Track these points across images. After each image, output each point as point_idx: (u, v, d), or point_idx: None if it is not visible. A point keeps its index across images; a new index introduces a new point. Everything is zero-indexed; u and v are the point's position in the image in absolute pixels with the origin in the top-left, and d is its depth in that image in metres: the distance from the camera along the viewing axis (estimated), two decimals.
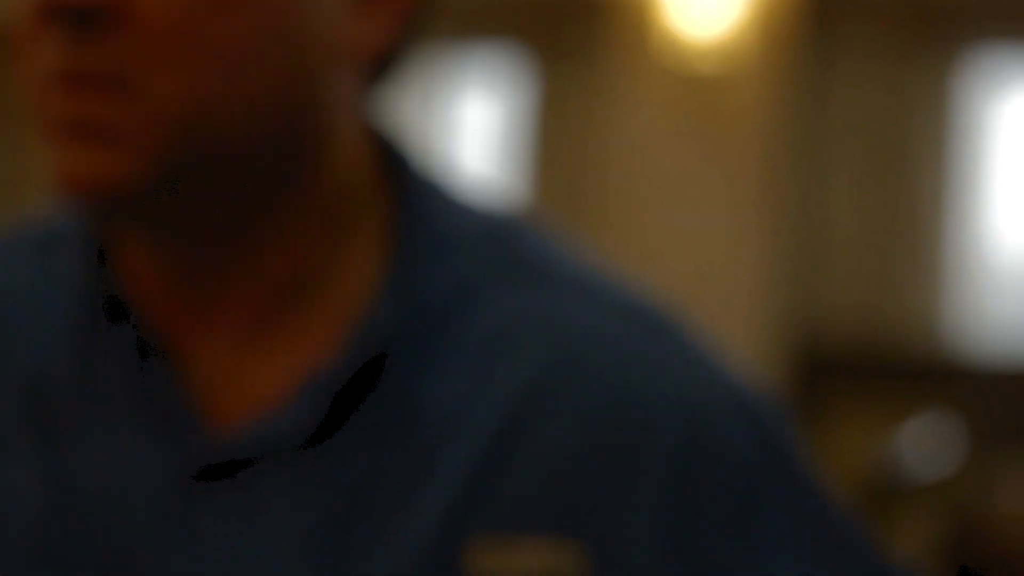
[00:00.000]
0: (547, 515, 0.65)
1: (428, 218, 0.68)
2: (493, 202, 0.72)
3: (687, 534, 0.65)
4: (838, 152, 5.03)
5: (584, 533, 0.65)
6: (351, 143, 0.66)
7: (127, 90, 0.61)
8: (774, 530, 0.66)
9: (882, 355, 4.82)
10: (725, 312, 4.89)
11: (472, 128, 5.75)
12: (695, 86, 4.56)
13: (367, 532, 0.64)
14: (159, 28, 0.60)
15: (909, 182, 5.12)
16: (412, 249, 0.67)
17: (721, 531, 0.65)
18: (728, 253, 4.87)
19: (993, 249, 5.20)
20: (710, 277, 4.86)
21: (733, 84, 4.55)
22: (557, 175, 5.42)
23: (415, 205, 0.68)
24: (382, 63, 0.67)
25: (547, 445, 0.65)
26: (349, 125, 0.66)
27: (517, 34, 5.46)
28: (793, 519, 0.67)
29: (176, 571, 0.64)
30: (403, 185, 0.68)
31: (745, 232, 4.81)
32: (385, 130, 0.69)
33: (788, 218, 4.80)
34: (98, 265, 0.67)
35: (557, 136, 5.38)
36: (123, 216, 0.64)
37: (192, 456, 0.65)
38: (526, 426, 0.65)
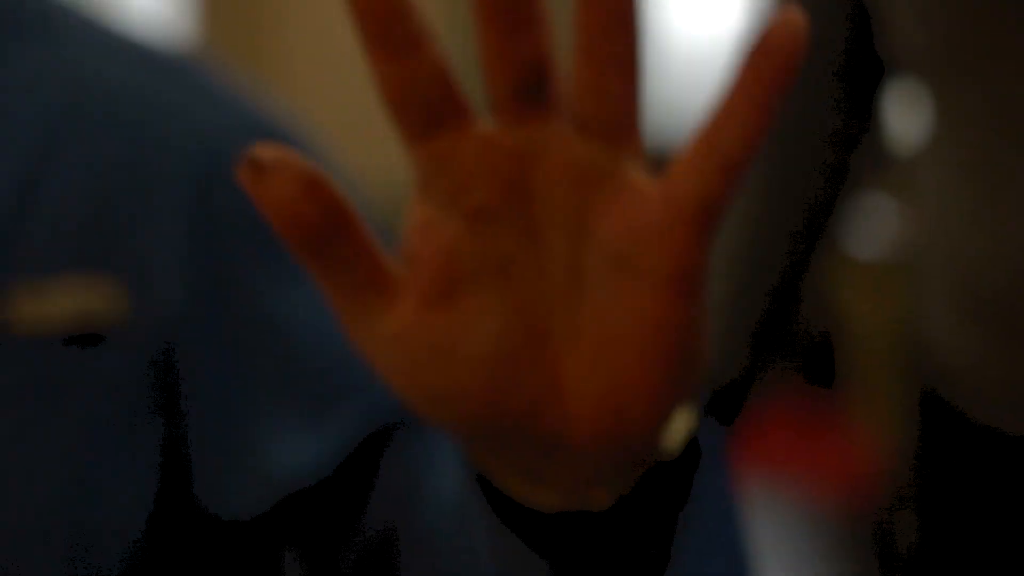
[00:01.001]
0: (78, 255, 0.65)
1: None
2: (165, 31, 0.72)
3: (215, 261, 0.66)
4: None
5: (116, 268, 0.65)
6: None
7: None
8: None
9: None
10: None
11: None
12: None
13: None
14: None
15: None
16: None
17: (248, 256, 0.66)
18: None
19: (667, 38, 5.31)
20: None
21: None
22: None
23: None
24: None
25: (70, 187, 0.65)
26: None
27: None
28: None
29: None
30: None
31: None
32: None
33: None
34: None
35: None
36: None
37: None
38: (48, 171, 0.65)
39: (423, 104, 0.39)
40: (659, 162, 4.92)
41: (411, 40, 0.38)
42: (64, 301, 0.65)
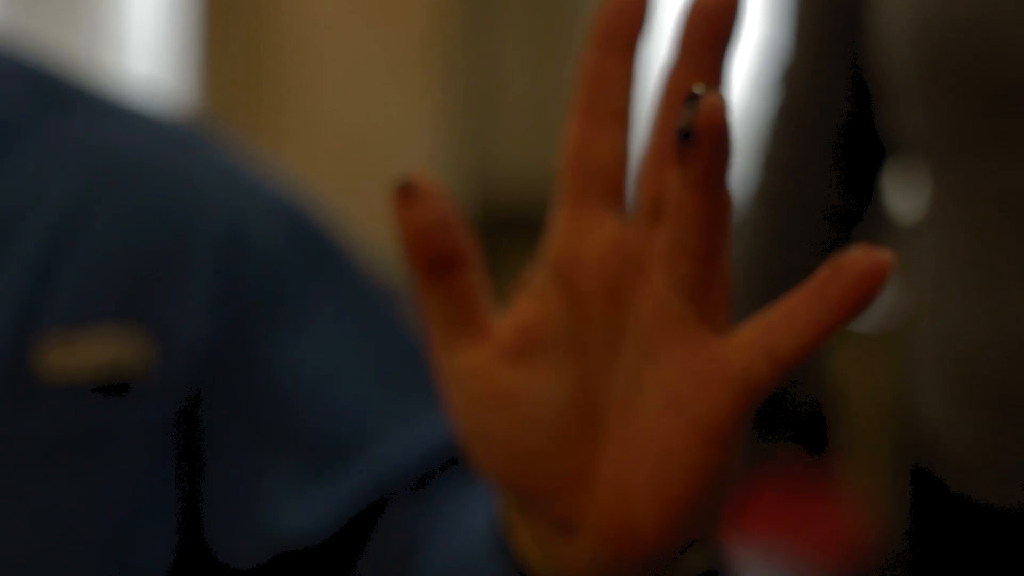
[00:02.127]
0: (108, 307, 0.67)
1: None
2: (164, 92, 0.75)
3: (234, 323, 0.69)
4: (506, 6, 5.03)
5: (144, 321, 0.68)
6: None
7: None
8: (308, 311, 0.70)
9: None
10: (400, 163, 4.89)
11: (136, 14, 5.54)
12: None
13: None
14: None
15: (579, 37, 5.18)
16: None
17: (264, 322, 0.70)
18: (399, 112, 4.86)
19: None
20: (383, 138, 4.84)
21: None
22: (226, 39, 5.29)
23: None
24: None
25: (102, 244, 0.68)
26: None
27: None
28: (328, 301, 0.71)
29: None
30: None
31: (415, 90, 4.80)
32: None
33: (458, 75, 4.81)
34: None
35: (223, 9, 5.23)
36: None
37: None
38: (81, 229, 0.68)
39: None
40: None
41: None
42: (93, 351, 0.67)
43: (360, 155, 5.01)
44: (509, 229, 4.81)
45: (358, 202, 5.18)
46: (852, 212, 0.97)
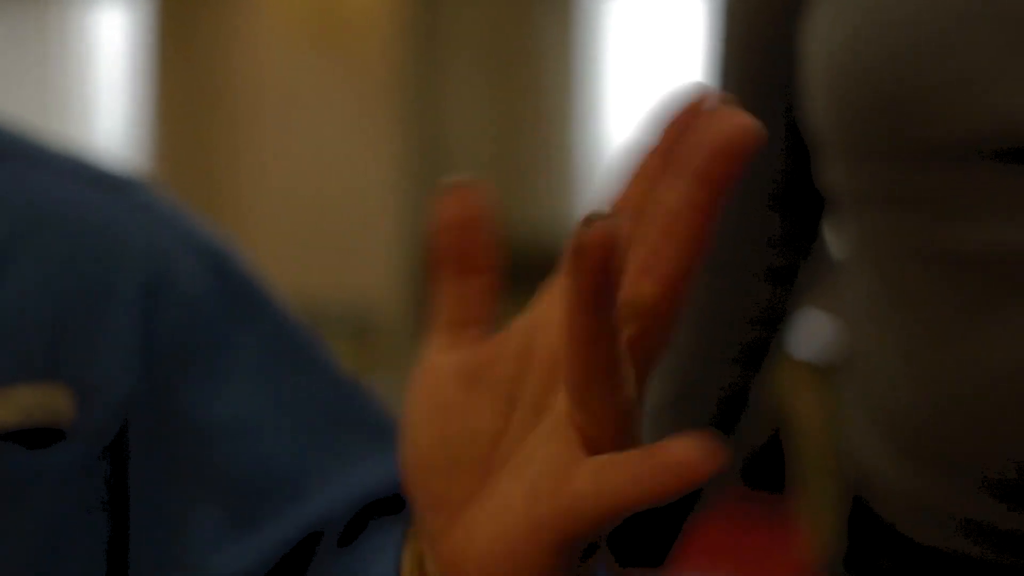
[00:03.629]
0: (27, 364, 0.67)
1: None
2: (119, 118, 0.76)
3: (158, 368, 0.69)
4: (463, 57, 5.04)
5: (65, 376, 0.68)
6: None
7: None
8: (234, 357, 0.71)
9: (517, 257, 4.94)
10: (356, 221, 4.87)
11: (100, 39, 5.50)
12: None
13: None
14: None
15: (534, 87, 5.19)
16: None
17: (185, 362, 0.70)
18: (355, 161, 4.84)
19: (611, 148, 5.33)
20: (336, 189, 4.81)
21: None
22: (183, 85, 5.25)
23: None
24: None
25: (19, 298, 0.68)
26: None
27: None
28: (253, 346, 0.71)
29: None
30: None
31: (372, 142, 4.78)
32: None
33: (414, 129, 4.80)
34: None
35: (181, 46, 5.21)
36: None
37: None
38: (2, 285, 0.68)
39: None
40: None
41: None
42: (12, 408, 0.67)
43: (318, 201, 4.98)
44: None
45: (314, 251, 5.15)
46: (794, 259, 0.98)
